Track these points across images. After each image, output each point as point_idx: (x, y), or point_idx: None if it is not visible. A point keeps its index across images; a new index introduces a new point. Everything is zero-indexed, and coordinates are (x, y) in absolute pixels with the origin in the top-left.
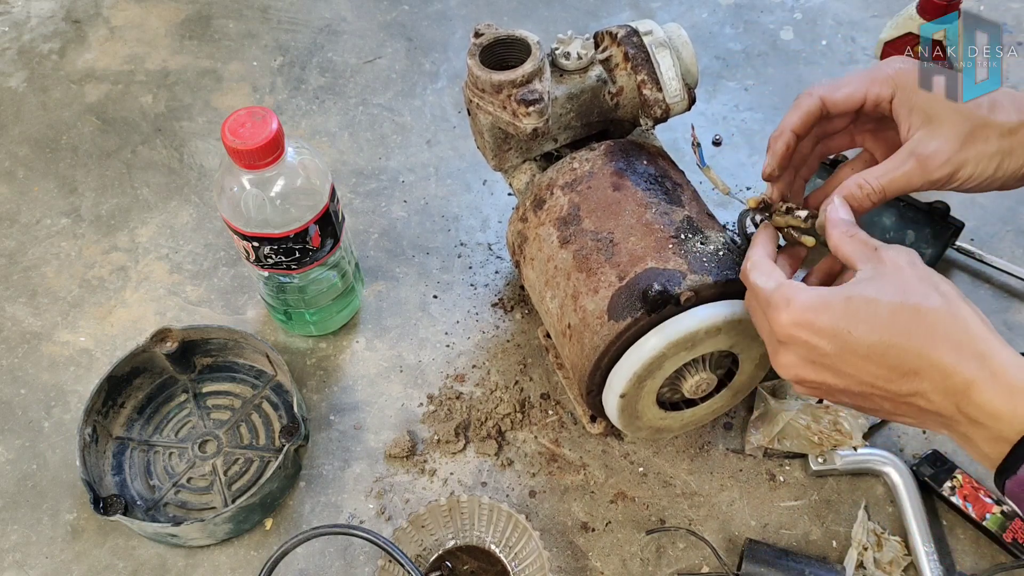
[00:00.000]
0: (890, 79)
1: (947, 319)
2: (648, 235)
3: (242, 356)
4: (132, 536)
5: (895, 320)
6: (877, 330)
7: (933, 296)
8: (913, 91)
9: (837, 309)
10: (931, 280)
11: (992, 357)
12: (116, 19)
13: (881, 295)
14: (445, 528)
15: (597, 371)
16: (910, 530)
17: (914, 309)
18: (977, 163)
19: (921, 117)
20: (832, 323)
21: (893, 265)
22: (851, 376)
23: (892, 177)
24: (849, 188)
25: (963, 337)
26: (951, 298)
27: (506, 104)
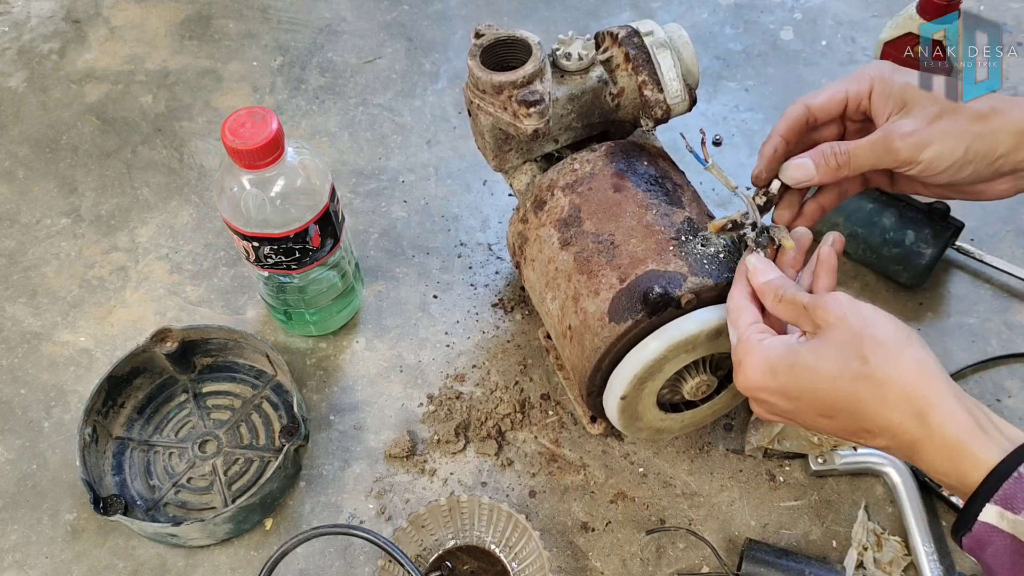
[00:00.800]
0: (867, 76)
1: (884, 380)
2: (649, 237)
3: (242, 356)
4: (132, 536)
5: (837, 387)
6: (822, 398)
7: (868, 356)
8: (889, 83)
9: (783, 376)
10: (867, 334)
11: (929, 415)
12: (116, 19)
13: (820, 363)
14: (445, 528)
15: (598, 373)
16: (910, 530)
17: (854, 375)
18: (944, 141)
19: (895, 104)
20: (781, 387)
21: (826, 325)
22: (814, 424)
23: (858, 143)
24: (820, 148)
25: (901, 397)
26: (889, 353)
27: (507, 105)
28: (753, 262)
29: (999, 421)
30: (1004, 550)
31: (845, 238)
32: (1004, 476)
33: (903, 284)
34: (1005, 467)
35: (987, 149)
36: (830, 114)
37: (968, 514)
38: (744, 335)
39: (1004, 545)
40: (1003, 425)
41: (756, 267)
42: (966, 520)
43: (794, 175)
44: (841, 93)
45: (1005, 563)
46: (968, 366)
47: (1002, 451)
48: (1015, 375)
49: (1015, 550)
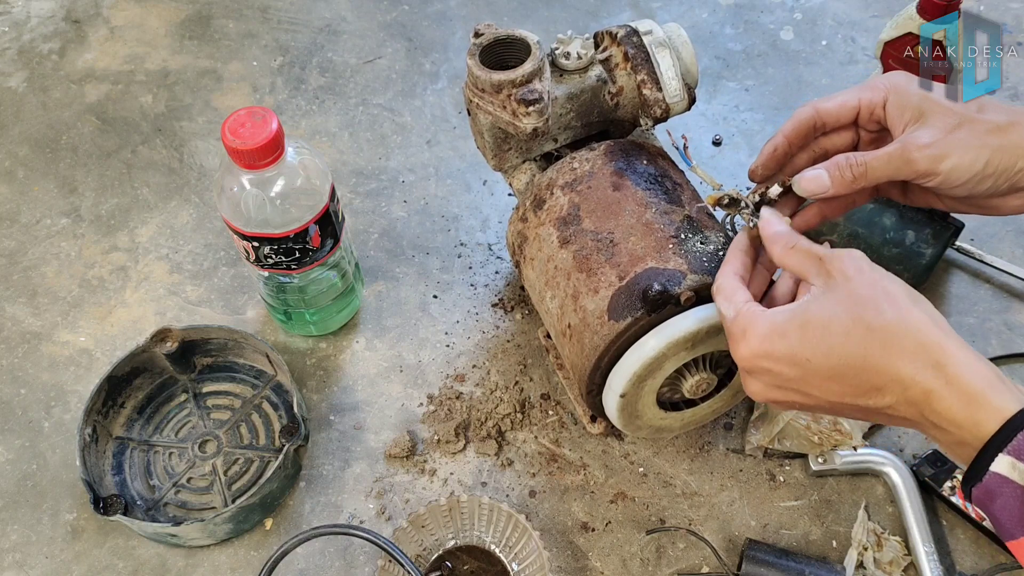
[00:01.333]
0: (882, 86)
1: (900, 331)
2: (648, 235)
3: (242, 356)
4: (132, 536)
5: (850, 341)
6: (834, 353)
7: (885, 308)
8: (906, 94)
9: (793, 336)
10: (881, 288)
11: (947, 365)
12: (116, 19)
13: (833, 316)
14: (445, 528)
15: (597, 371)
16: (910, 530)
17: (867, 326)
18: (963, 153)
19: (912, 114)
20: (790, 350)
21: (842, 277)
22: (818, 396)
23: (876, 156)
24: (836, 160)
25: (917, 347)
26: (902, 307)
27: (506, 104)
28: (766, 215)
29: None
30: (1014, 501)
31: (846, 238)
32: (1020, 427)
33: None
34: (1021, 418)
35: (1007, 163)
36: (840, 121)
37: (980, 464)
38: (743, 308)
39: (1014, 496)
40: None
41: (768, 218)
42: (977, 470)
43: (808, 187)
44: (853, 100)
45: (1014, 515)
46: None
47: (1018, 401)
48: (1015, 375)
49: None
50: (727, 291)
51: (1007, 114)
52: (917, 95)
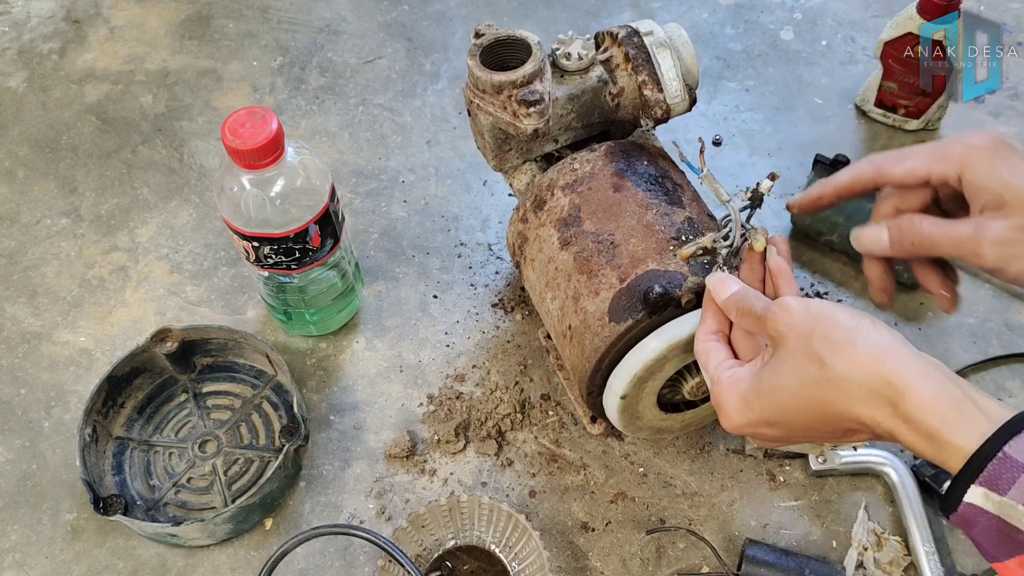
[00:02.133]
0: (956, 159)
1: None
2: (649, 236)
3: (242, 356)
4: (132, 536)
5: (805, 399)
6: (799, 411)
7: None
8: (986, 174)
9: (757, 405)
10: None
11: (901, 403)
12: (116, 19)
13: (782, 380)
14: (445, 528)
15: (598, 372)
16: (910, 530)
17: (813, 383)
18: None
19: (992, 199)
20: (761, 417)
21: (780, 336)
22: (807, 438)
23: (943, 231)
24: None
25: (868, 392)
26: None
27: (507, 105)
28: (712, 281)
29: (979, 397)
30: (990, 529)
31: (846, 238)
32: (988, 457)
33: (903, 284)
34: (989, 447)
35: None
36: (904, 183)
37: (953, 495)
38: (715, 376)
39: (990, 525)
40: (982, 400)
41: (716, 285)
42: (952, 501)
43: (866, 244)
44: (923, 169)
45: (992, 541)
46: (968, 366)
47: (980, 433)
48: (1015, 375)
49: (1001, 530)
50: (701, 357)
51: None
52: (998, 180)
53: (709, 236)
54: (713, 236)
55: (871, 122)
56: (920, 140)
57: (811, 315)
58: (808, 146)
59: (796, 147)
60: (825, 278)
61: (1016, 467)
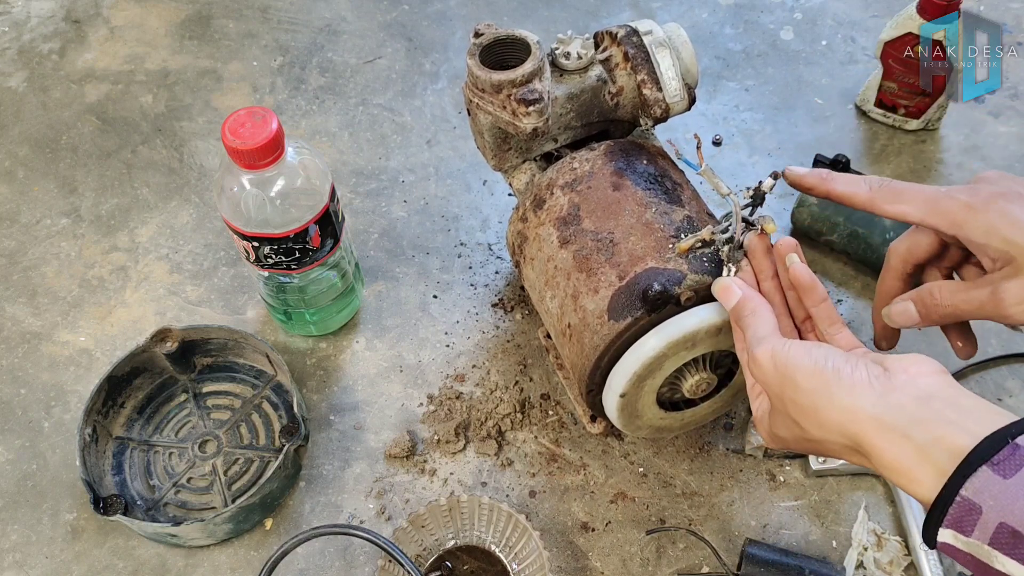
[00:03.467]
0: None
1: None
2: (648, 235)
3: (242, 356)
4: (132, 536)
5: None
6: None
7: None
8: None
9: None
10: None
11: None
12: (116, 19)
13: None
14: (445, 528)
15: (597, 371)
16: (910, 530)
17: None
18: None
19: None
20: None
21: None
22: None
23: (964, 298)
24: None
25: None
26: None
27: (506, 104)
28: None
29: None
30: (969, 563)
31: (846, 238)
32: (948, 501)
33: None
34: (947, 492)
35: None
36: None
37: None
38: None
39: (967, 560)
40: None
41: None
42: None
43: (899, 322)
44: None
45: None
46: (968, 366)
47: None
48: (1015, 375)
49: (977, 565)
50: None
51: None
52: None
53: (707, 229)
54: (711, 228)
55: (871, 122)
56: (920, 140)
57: (778, 374)
58: (808, 146)
59: (796, 147)
60: (825, 278)
61: (974, 510)
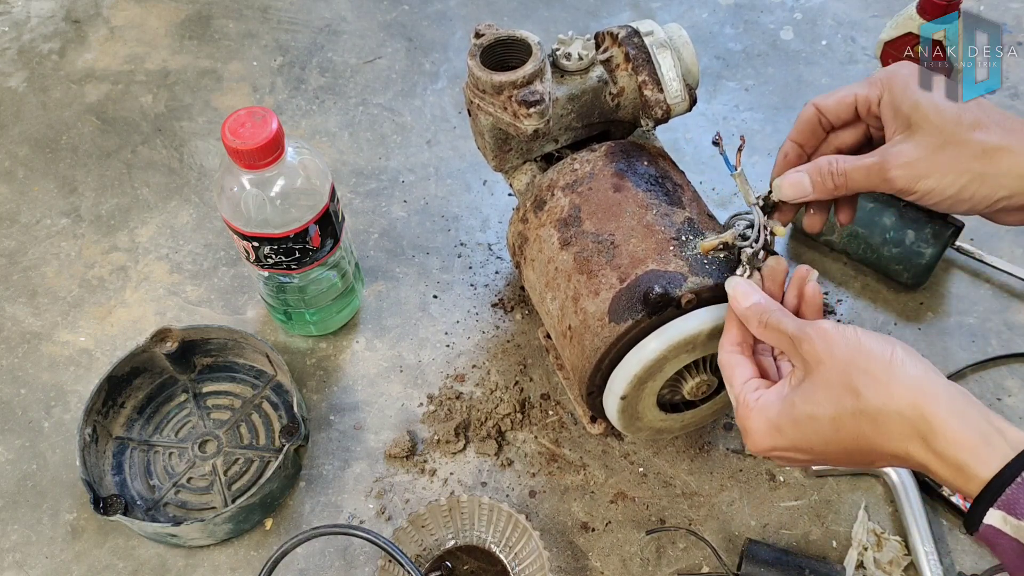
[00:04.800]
0: (879, 82)
1: (883, 413)
2: (649, 237)
3: (242, 356)
4: (132, 536)
5: (841, 430)
6: (831, 441)
7: (862, 391)
8: (900, 95)
9: (789, 432)
10: (855, 368)
11: (931, 440)
12: (116, 19)
13: (817, 408)
14: (445, 528)
15: (597, 373)
16: (910, 530)
17: (851, 413)
18: (941, 177)
19: (902, 122)
20: (791, 443)
21: (815, 362)
22: (836, 463)
23: (855, 167)
24: (818, 164)
25: (903, 425)
26: (881, 384)
27: (507, 105)
28: (733, 286)
29: (1004, 426)
30: (1011, 551)
31: (846, 238)
32: (1007, 481)
33: (903, 284)
34: (1009, 472)
35: (986, 192)
36: (842, 117)
37: (973, 516)
38: (740, 398)
39: (1011, 547)
40: (1008, 429)
41: (737, 292)
42: (973, 521)
43: (788, 192)
44: (850, 97)
45: (1014, 562)
46: (968, 366)
47: (1002, 457)
48: (1015, 375)
49: (1020, 552)
50: (726, 370)
51: (1001, 134)
52: (910, 102)
53: (731, 232)
54: (734, 232)
55: None
56: None
57: (848, 345)
58: None
59: None
60: (825, 278)
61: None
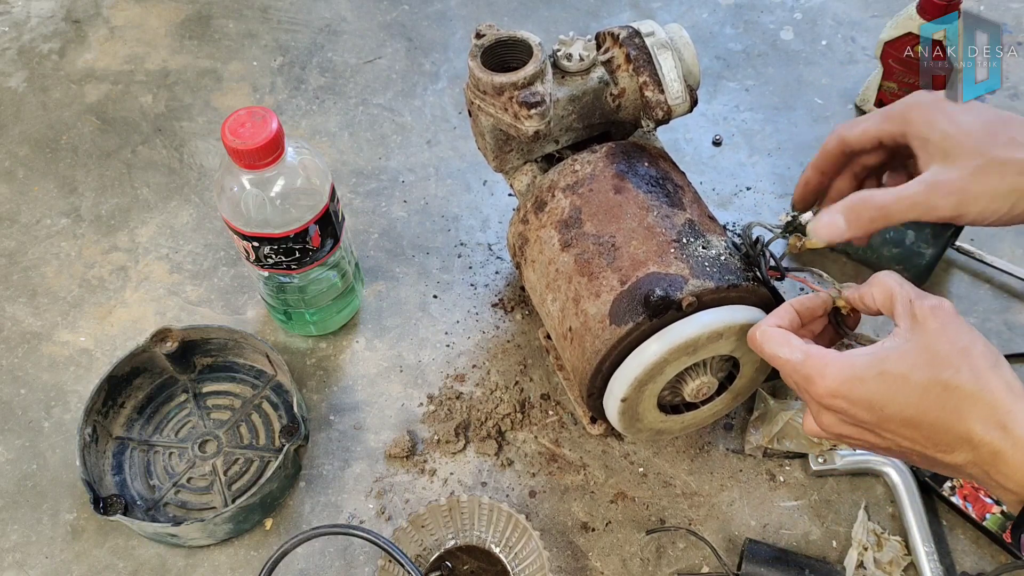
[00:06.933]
0: (900, 116)
1: (975, 394)
2: (650, 239)
3: (242, 356)
4: (132, 536)
5: (926, 397)
6: (910, 405)
7: (963, 369)
8: (926, 126)
9: (871, 383)
10: (962, 346)
11: (1014, 428)
12: (116, 19)
13: (913, 370)
14: (445, 528)
15: (598, 375)
16: (910, 530)
17: (944, 386)
18: (990, 200)
19: (936, 151)
20: (867, 396)
21: (926, 326)
22: (890, 440)
23: (898, 199)
24: (851, 203)
25: (989, 410)
26: (980, 370)
27: (508, 106)
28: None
29: None
30: None
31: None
32: None
33: None
34: None
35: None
36: (866, 148)
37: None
38: (813, 351)
39: None
40: None
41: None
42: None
43: (824, 234)
44: (874, 129)
45: None
46: None
47: None
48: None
49: None
50: (779, 337)
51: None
52: (938, 132)
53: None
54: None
55: None
56: None
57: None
58: (808, 146)
59: (796, 147)
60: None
61: None
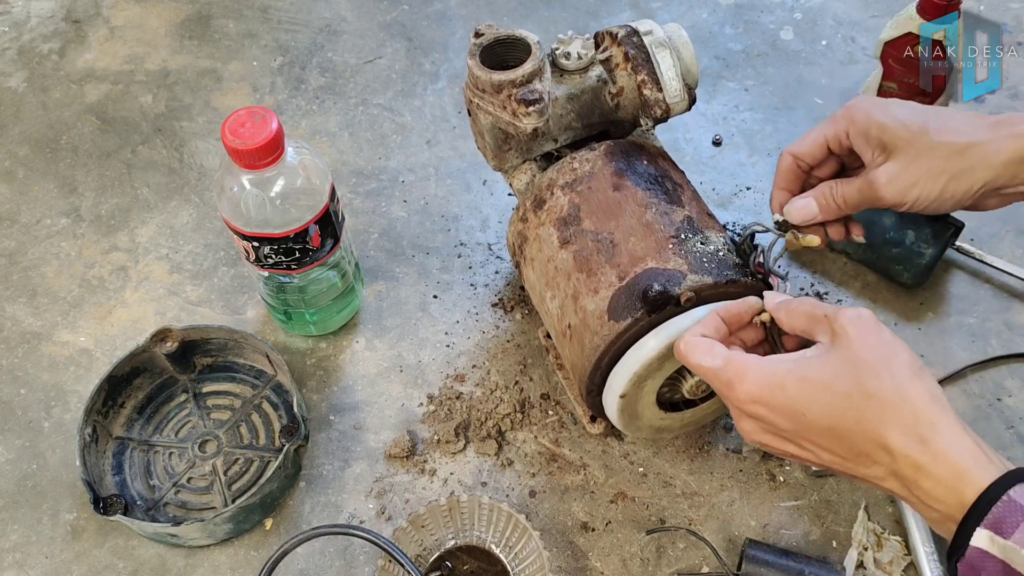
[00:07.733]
0: (842, 117)
1: (897, 402)
2: (648, 235)
3: (242, 356)
4: (132, 536)
5: (847, 403)
6: (830, 413)
7: (885, 377)
8: (865, 122)
9: (791, 389)
10: (884, 355)
11: (934, 440)
12: (116, 19)
13: (835, 376)
14: (445, 528)
15: (597, 371)
16: (910, 530)
17: (865, 392)
18: (924, 185)
19: (877, 145)
20: (787, 402)
21: (847, 337)
22: (810, 450)
23: (849, 190)
24: (821, 189)
25: (911, 420)
26: (902, 378)
27: (506, 104)
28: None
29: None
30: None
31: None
32: (993, 500)
33: (903, 284)
34: (995, 491)
35: (965, 186)
36: (816, 157)
37: (960, 539)
38: (733, 356)
39: (996, 570)
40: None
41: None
42: (958, 545)
43: (798, 216)
44: (820, 138)
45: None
46: (968, 366)
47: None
48: (1015, 375)
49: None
50: (702, 346)
51: (968, 132)
52: (877, 126)
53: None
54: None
55: None
56: None
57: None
58: None
59: None
60: (825, 278)
61: (1019, 511)
